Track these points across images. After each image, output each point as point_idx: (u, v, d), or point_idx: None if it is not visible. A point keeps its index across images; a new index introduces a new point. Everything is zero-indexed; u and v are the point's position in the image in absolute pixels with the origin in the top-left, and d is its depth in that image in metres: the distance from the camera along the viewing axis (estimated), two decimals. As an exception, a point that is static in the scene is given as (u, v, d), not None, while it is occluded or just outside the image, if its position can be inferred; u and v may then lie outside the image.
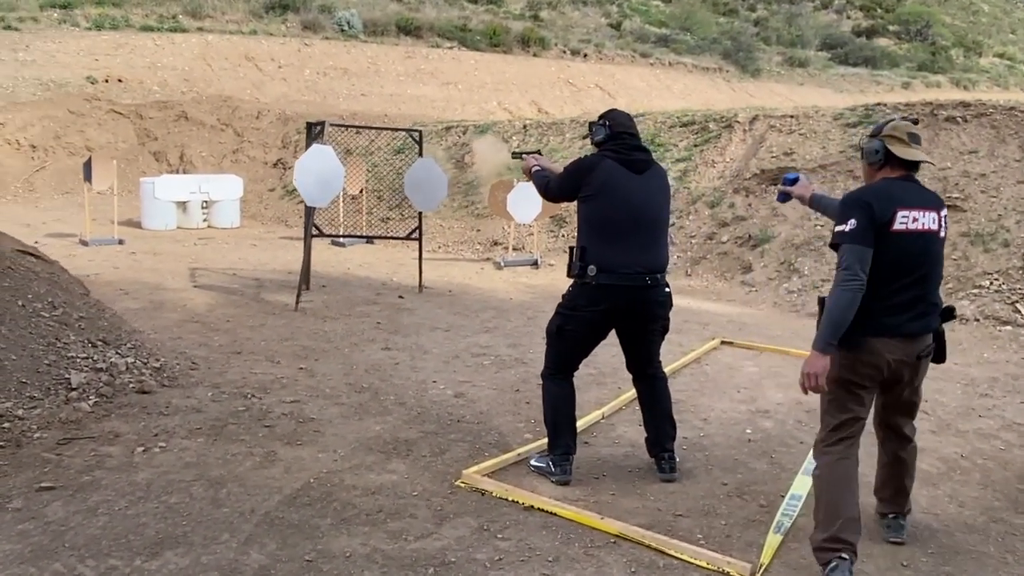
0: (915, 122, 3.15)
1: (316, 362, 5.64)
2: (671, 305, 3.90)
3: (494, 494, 3.57)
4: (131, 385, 4.52)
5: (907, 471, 3.36)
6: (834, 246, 2.98)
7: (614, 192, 3.66)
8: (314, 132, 7.98)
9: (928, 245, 2.99)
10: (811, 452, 4.11)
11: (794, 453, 4.28)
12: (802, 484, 3.84)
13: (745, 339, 6.82)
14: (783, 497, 3.71)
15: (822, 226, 8.92)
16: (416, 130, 8.72)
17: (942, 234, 3.04)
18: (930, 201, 3.03)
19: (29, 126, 15.41)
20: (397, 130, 10.36)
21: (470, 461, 3.94)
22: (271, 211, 14.04)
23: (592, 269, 3.64)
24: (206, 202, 12.73)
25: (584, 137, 3.95)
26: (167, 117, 16.59)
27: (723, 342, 6.73)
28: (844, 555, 2.90)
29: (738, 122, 11.11)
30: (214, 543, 3.00)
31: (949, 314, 3.15)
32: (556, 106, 23.58)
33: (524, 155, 4.34)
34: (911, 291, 2.97)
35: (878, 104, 10.14)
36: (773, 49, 37.71)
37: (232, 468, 3.68)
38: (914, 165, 3.07)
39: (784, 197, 3.80)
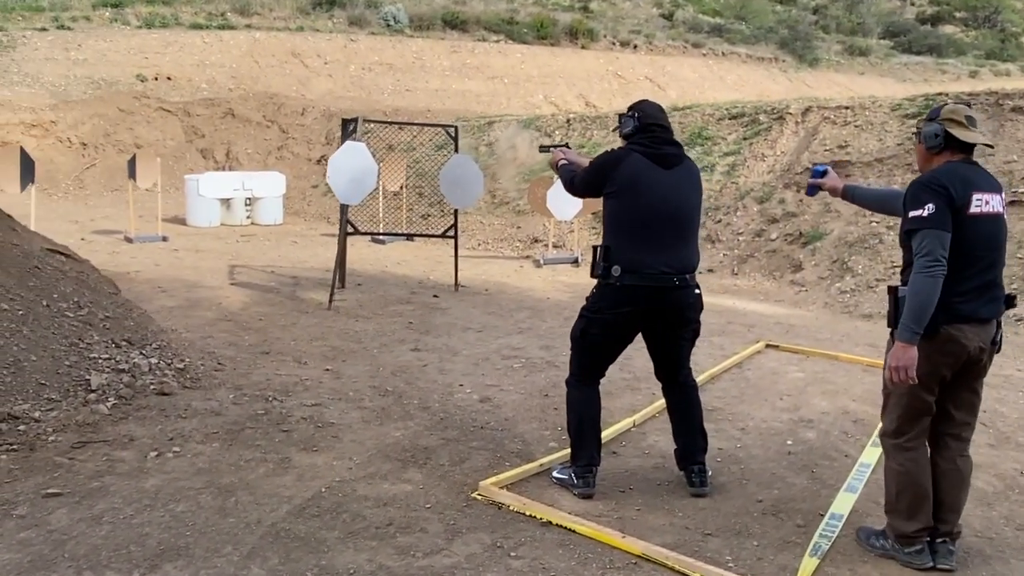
0: (968, 105, 3.07)
1: (343, 363, 5.57)
2: (702, 307, 3.69)
3: (511, 508, 3.43)
4: (152, 387, 4.50)
5: (963, 483, 3.13)
6: (908, 233, 2.90)
7: (641, 188, 3.49)
8: (348, 129, 7.93)
9: (999, 228, 2.97)
10: (856, 466, 3.94)
11: (837, 468, 4.04)
12: (844, 503, 3.62)
13: (792, 342, 6.55)
14: (822, 516, 3.49)
15: (877, 222, 8.56)
16: (452, 126, 8.62)
17: (1005, 216, 3.03)
18: (994, 184, 3.01)
19: (80, 124, 15.80)
20: (432, 126, 10.27)
21: (490, 471, 3.81)
22: (314, 208, 14.12)
23: (616, 269, 3.47)
24: (249, 199, 12.86)
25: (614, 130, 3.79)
26: (214, 114, 16.86)
27: (768, 345, 6.48)
28: (927, 539, 3.04)
29: (790, 114, 10.75)
30: (216, 556, 2.92)
31: (1010, 301, 3.06)
32: (604, 99, 23.30)
33: (551, 148, 4.20)
34: (985, 275, 2.93)
35: (939, 94, 9.71)
36: (832, 38, 36.70)
37: (244, 475, 3.61)
38: (971, 149, 3.00)
39: (813, 190, 3.67)
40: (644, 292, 3.48)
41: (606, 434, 4.33)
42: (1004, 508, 3.64)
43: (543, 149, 4.48)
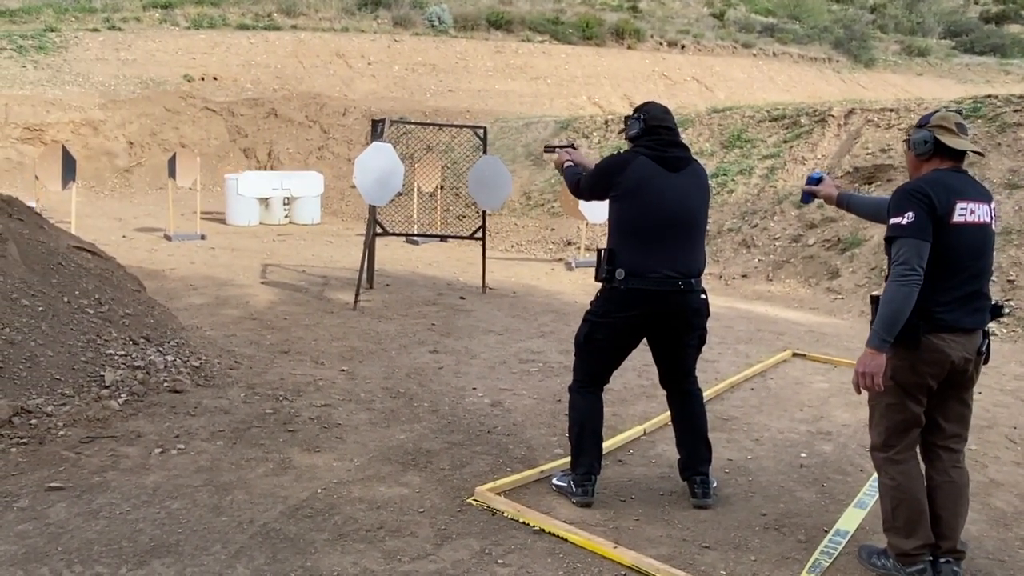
0: (960, 113, 3.10)
1: (360, 364, 5.63)
2: (708, 313, 3.65)
3: (505, 514, 3.42)
4: (165, 384, 4.60)
5: (959, 496, 3.03)
6: (889, 240, 2.89)
7: (646, 191, 3.48)
8: (377, 130, 8.01)
9: (985, 238, 2.94)
10: (869, 482, 3.84)
11: (849, 483, 3.94)
12: (851, 519, 3.53)
13: (821, 351, 6.42)
14: (826, 532, 3.41)
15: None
16: (480, 127, 8.64)
17: (994, 226, 3.00)
18: (982, 193, 2.98)
19: (127, 123, 16.23)
20: (461, 127, 10.30)
21: (489, 476, 3.81)
22: (351, 208, 14.29)
23: (620, 273, 3.46)
24: (287, 198, 13.06)
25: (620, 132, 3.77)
26: (257, 114, 17.16)
27: (795, 354, 6.37)
28: (927, 558, 2.95)
29: (832, 116, 10.53)
30: (204, 554, 2.97)
31: (997, 311, 3.05)
32: (649, 100, 23.08)
33: (556, 148, 4.17)
34: (971, 285, 2.92)
35: (988, 96, 9.39)
36: (890, 37, 35.85)
37: (243, 474, 3.67)
38: (961, 156, 2.99)
39: (808, 198, 3.66)
40: (649, 296, 3.45)
41: (615, 441, 4.32)
42: (1022, 530, 3.51)
43: (548, 149, 4.46)
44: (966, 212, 2.87)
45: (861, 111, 10.33)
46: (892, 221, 2.86)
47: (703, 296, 3.61)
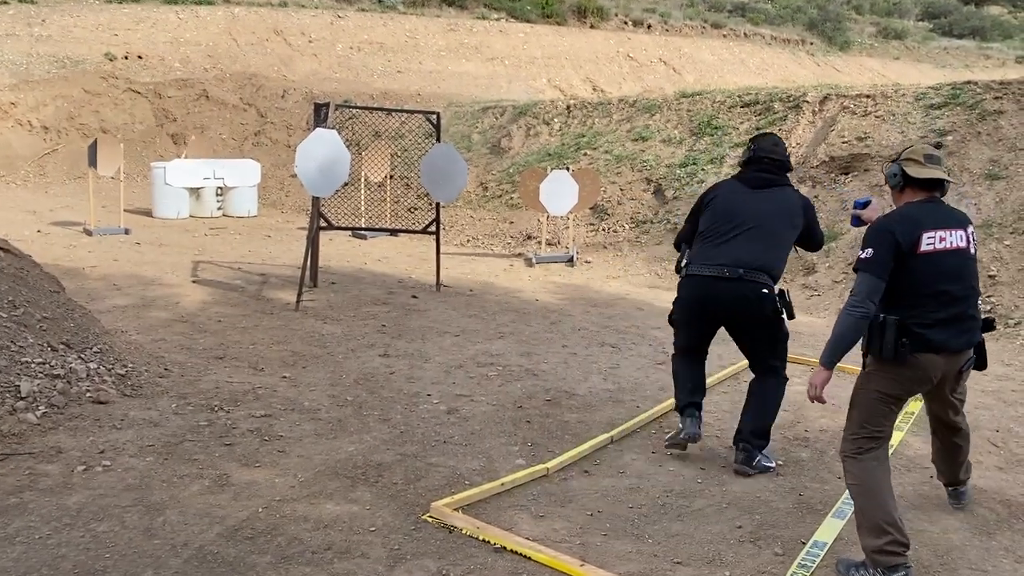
0: (937, 145, 3.80)
1: (303, 370, 5.58)
2: (770, 307, 4.18)
3: (463, 531, 3.42)
4: (88, 394, 4.51)
5: (961, 453, 3.78)
6: (855, 269, 3.34)
7: (721, 203, 4.35)
8: (320, 114, 7.94)
9: (959, 262, 3.33)
10: (847, 491, 3.93)
11: (827, 491, 4.03)
12: (829, 530, 3.61)
13: (797, 352, 6.50)
14: (804, 544, 3.48)
15: (897, 222, 8.52)
16: (433, 112, 8.62)
17: (972, 250, 3.39)
18: (955, 221, 3.38)
19: (42, 106, 15.85)
20: (411, 112, 10.26)
21: (446, 490, 3.81)
22: (292, 199, 14.15)
23: (683, 261, 4.43)
24: (221, 189, 12.88)
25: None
26: (187, 96, 16.88)
27: (769, 355, 6.45)
28: (904, 558, 3.19)
29: (807, 102, 10.72)
30: (133, 581, 2.92)
31: (989, 325, 3.51)
32: (614, 83, 23.27)
33: None
34: (955, 307, 3.31)
35: (967, 82, 9.63)
36: (866, 19, 36.62)
37: (176, 492, 3.62)
38: (938, 186, 3.41)
39: (857, 222, 4.04)
40: (698, 281, 4.26)
41: (580, 450, 4.37)
42: (1006, 538, 3.62)
43: None
44: (935, 240, 3.27)
45: (837, 97, 10.53)
46: (858, 255, 3.33)
47: (764, 291, 4.17)
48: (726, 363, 6.14)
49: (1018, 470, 4.38)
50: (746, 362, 4.61)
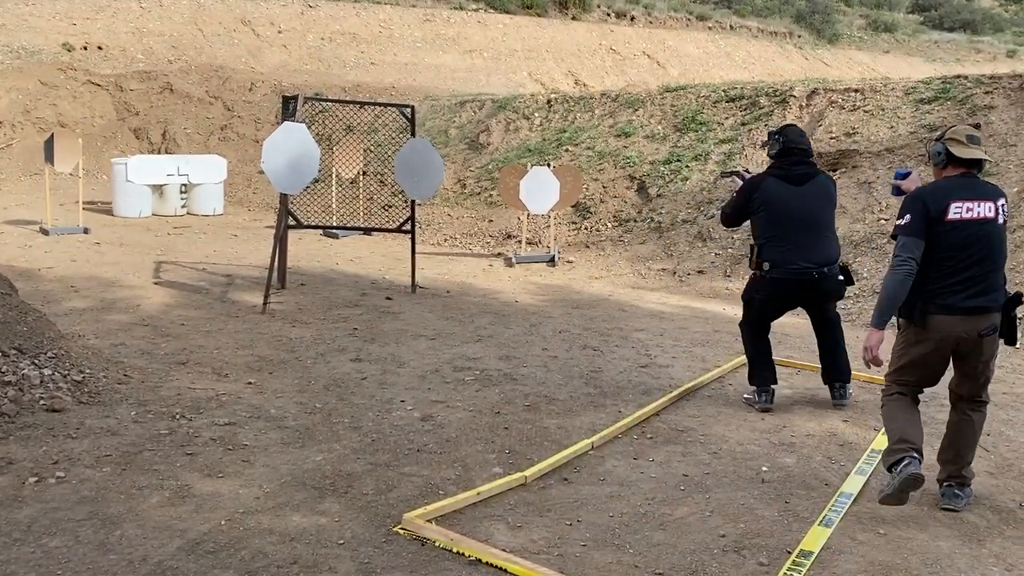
0: (976, 126, 4.24)
1: (270, 375, 5.54)
2: (847, 284, 5.27)
3: (436, 543, 3.40)
4: (41, 402, 4.45)
5: (972, 432, 4.04)
6: (893, 236, 3.95)
7: (776, 204, 5.10)
8: (289, 108, 7.89)
9: (984, 230, 3.80)
10: (835, 497, 3.98)
11: (814, 498, 4.04)
12: (816, 538, 3.62)
13: (784, 354, 6.55)
14: (790, 554, 3.49)
15: (886, 220, 8.60)
16: (407, 105, 8.59)
17: (1000, 220, 3.85)
18: (986, 193, 3.88)
19: (-4, 99, 15.65)
20: (384, 105, 10.23)
21: (419, 501, 3.78)
22: (260, 196, 14.07)
23: (766, 265, 5.11)
24: (185, 186, 12.79)
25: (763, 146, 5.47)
26: (150, 89, 16.74)
27: (755, 358, 6.48)
28: (914, 454, 3.77)
29: (794, 96, 10.80)
30: (88, 598, 2.88)
31: (1017, 300, 3.86)
32: (596, 77, 23.36)
33: (732, 175, 5.78)
34: (968, 271, 3.79)
35: (957, 77, 9.74)
36: (855, 11, 36.98)
37: (134, 505, 3.57)
38: (975, 164, 3.92)
39: (897, 191, 4.43)
40: (788, 284, 5.13)
41: (559, 457, 4.38)
42: (996, 546, 3.64)
43: (725, 175, 6.14)
44: (961, 210, 3.79)
45: (825, 91, 10.61)
46: (896, 222, 3.91)
47: (840, 279, 5.21)
48: (710, 365, 6.17)
49: (1008, 475, 4.41)
50: (730, 366, 4.77)
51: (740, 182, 5.50)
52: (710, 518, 3.82)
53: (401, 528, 3.52)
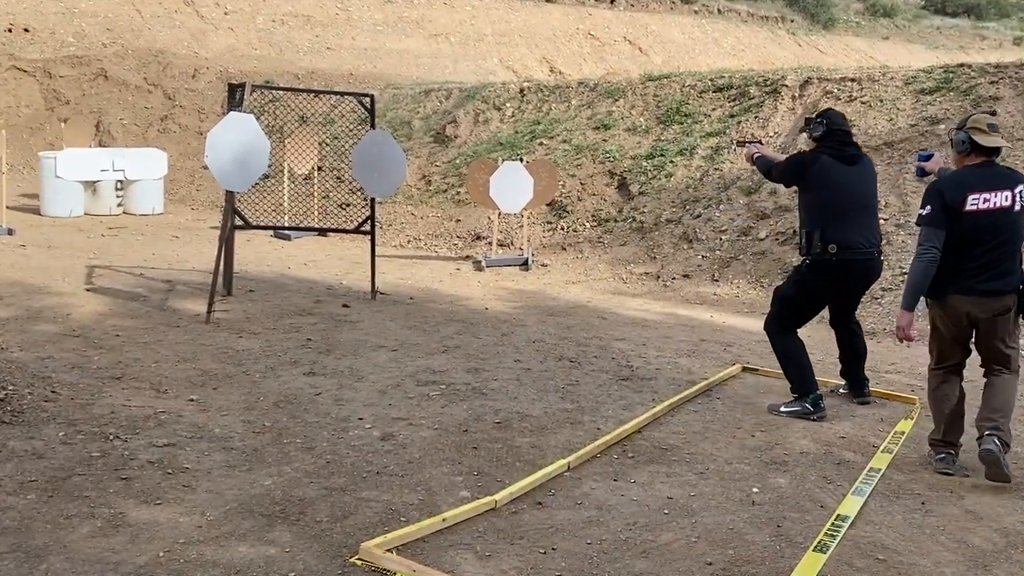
0: (992, 113, 4.87)
1: (214, 391, 5.51)
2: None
3: (397, 575, 3.39)
4: (-42, 422, 4.38)
5: (1005, 388, 4.68)
6: (918, 224, 4.64)
7: (835, 183, 5.39)
8: (236, 97, 7.85)
9: (1000, 219, 4.47)
10: (831, 520, 4.01)
11: (808, 522, 4.07)
12: (811, 566, 3.64)
13: (775, 365, 6.59)
14: (782, 583, 3.51)
15: (885, 219, 8.70)
16: (367, 94, 8.59)
17: (1016, 207, 4.48)
18: (1004, 181, 4.52)
19: (-92, 86, 15.45)
20: (341, 94, 10.22)
21: (379, 528, 3.77)
22: (204, 194, 14.02)
23: (833, 247, 5.33)
24: (121, 182, 12.71)
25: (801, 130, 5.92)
26: (82, 76, 16.67)
27: (745, 368, 6.56)
28: (951, 451, 4.70)
29: (786, 86, 10.92)
30: (9, 641, 2.84)
31: None
32: (573, 64, 23.46)
33: (746, 143, 6.15)
34: (984, 257, 4.46)
35: (960, 65, 9.91)
36: (852, -6, 37.37)
37: (62, 536, 3.53)
38: (995, 151, 4.52)
39: (921, 172, 5.24)
40: (854, 264, 5.43)
41: (533, 479, 4.38)
42: (1003, 571, 3.69)
43: (739, 144, 6.76)
44: (978, 201, 4.44)
45: (819, 81, 10.74)
46: (919, 212, 4.59)
47: (882, 259, 5.75)
48: (697, 377, 6.20)
49: (1016, 495, 4.47)
50: (718, 378, 4.80)
51: (758, 151, 5.99)
52: (696, 544, 3.83)
53: (358, 559, 3.50)
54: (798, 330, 5.69)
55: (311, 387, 5.70)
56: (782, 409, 5.54)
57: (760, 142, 6.25)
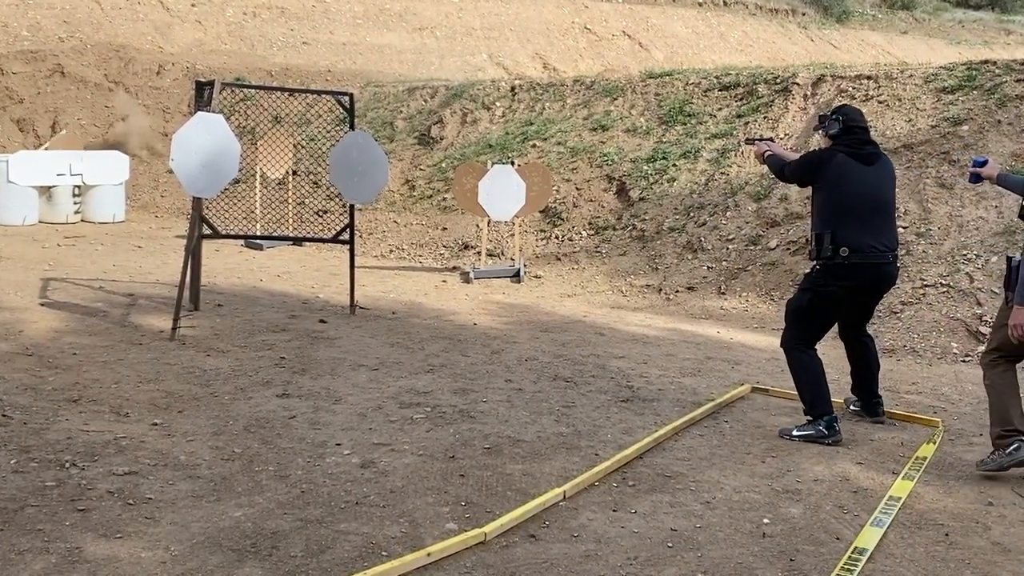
0: None
1: (179, 415, 5.50)
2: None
3: (378, 615, 3.38)
4: (-100, 449, 4.36)
5: None
6: (1021, 216, 5.03)
7: (848, 183, 5.43)
8: (204, 96, 7.87)
9: None
10: (848, 552, 4.01)
11: (823, 555, 4.07)
12: (826, 602, 3.64)
13: (787, 385, 6.60)
14: (796, 622, 3.51)
15: (904, 228, 8.74)
16: (345, 93, 8.60)
17: None
18: None
19: None
20: (319, 92, 10.23)
21: (358, 564, 3.76)
22: (169, 200, 14.03)
23: (844, 250, 5.36)
24: (79, 188, 12.72)
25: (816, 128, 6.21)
26: (37, 72, 16.68)
27: (754, 388, 6.57)
28: (1016, 440, 4.81)
29: (797, 84, 10.98)
30: None
31: None
32: (568, 61, 23.56)
33: (756, 141, 6.18)
34: None
35: (984, 62, 9.98)
36: (867, -14, 37.63)
37: (13, 572, 3.51)
38: None
39: (976, 178, 5.31)
40: (868, 268, 5.44)
41: (526, 509, 4.37)
42: (1034, 608, 3.69)
43: (749, 142, 7.10)
44: None
45: (832, 78, 10.80)
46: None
47: (899, 266, 5.76)
48: (702, 398, 6.21)
49: (1048, 524, 4.48)
50: (725, 399, 4.82)
51: (769, 149, 5.99)
52: (702, 580, 3.83)
53: (336, 597, 3.50)
54: (816, 345, 5.69)
55: (284, 410, 5.69)
56: (794, 433, 5.53)
57: (772, 140, 6.30)
